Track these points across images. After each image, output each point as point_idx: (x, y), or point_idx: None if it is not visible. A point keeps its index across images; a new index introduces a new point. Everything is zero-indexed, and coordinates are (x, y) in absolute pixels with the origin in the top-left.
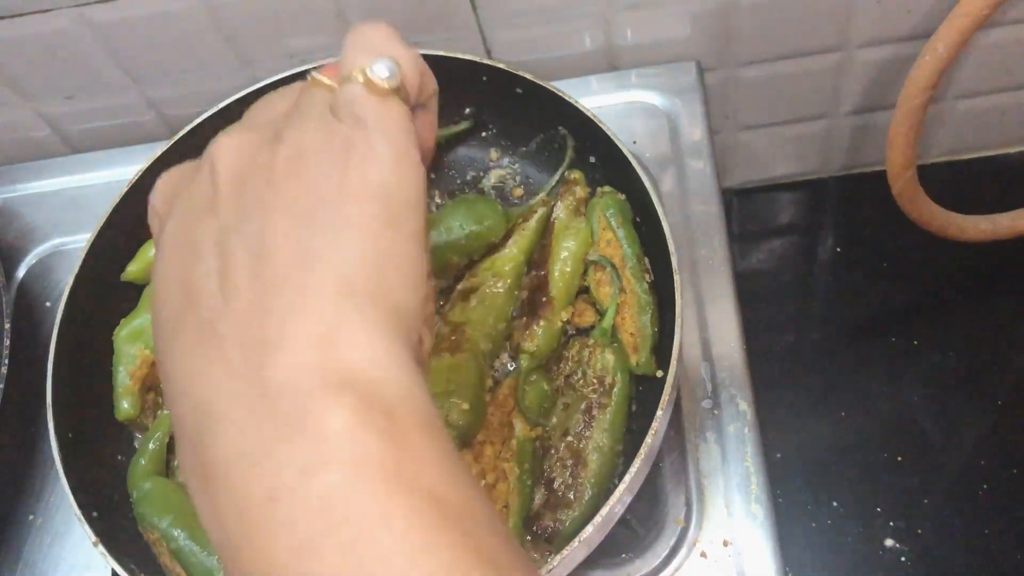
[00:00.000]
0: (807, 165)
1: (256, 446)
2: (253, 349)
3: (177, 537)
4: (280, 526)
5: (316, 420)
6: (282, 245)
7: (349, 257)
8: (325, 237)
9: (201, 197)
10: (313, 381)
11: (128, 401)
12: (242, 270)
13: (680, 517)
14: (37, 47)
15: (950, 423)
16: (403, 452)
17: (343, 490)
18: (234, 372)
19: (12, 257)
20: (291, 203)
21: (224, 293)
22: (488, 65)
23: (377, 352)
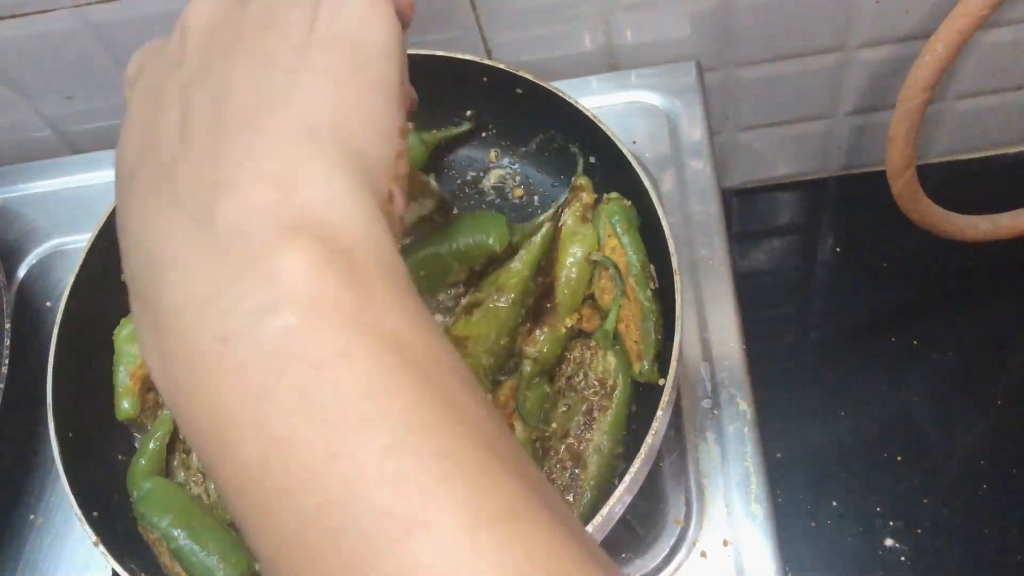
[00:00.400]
0: (807, 165)
1: (206, 289)
2: (205, 191)
3: (177, 537)
4: (230, 370)
5: (269, 261)
6: (242, 91)
7: (311, 101)
8: (286, 82)
9: (170, 55)
10: (267, 221)
11: (128, 401)
12: (201, 117)
13: (680, 517)
14: (37, 47)
15: (950, 423)
16: (362, 295)
17: (298, 332)
18: (186, 215)
19: (12, 257)
20: (255, 52)
21: (183, 140)
22: (488, 65)
23: (337, 193)
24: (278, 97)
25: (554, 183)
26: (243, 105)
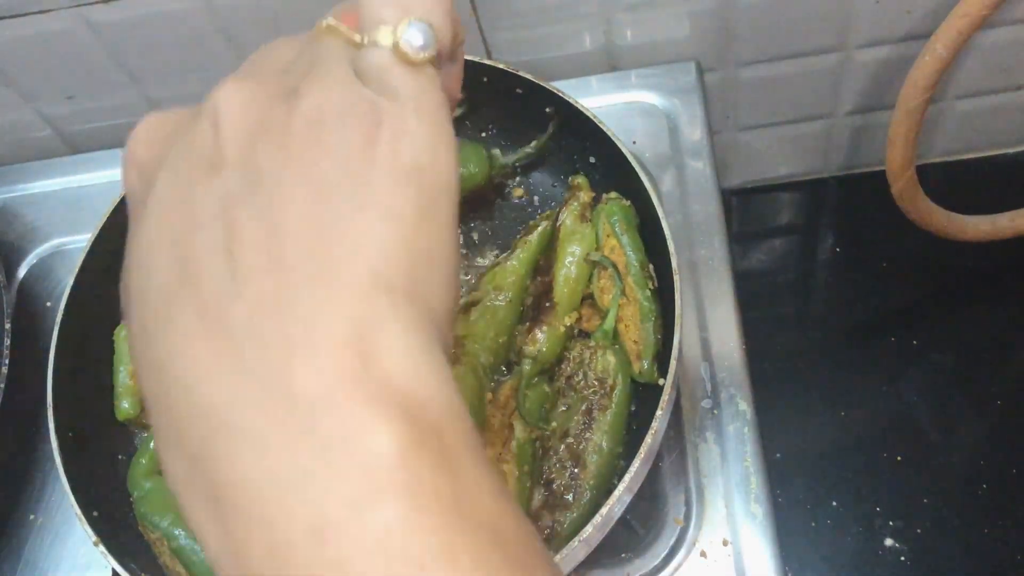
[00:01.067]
0: (807, 165)
1: (292, 471)
2: (276, 349)
3: (178, 536)
4: (329, 567)
5: (361, 442)
6: (301, 222)
7: (380, 246)
8: (352, 219)
9: (201, 152)
10: (352, 394)
11: (128, 401)
12: (255, 249)
13: (680, 517)
14: (37, 47)
15: (950, 423)
16: (457, 480)
17: (401, 525)
18: (255, 378)
19: (13, 257)
20: (310, 173)
21: (234, 275)
22: (488, 65)
23: (418, 361)
24: (342, 236)
25: (554, 183)
26: (304, 243)
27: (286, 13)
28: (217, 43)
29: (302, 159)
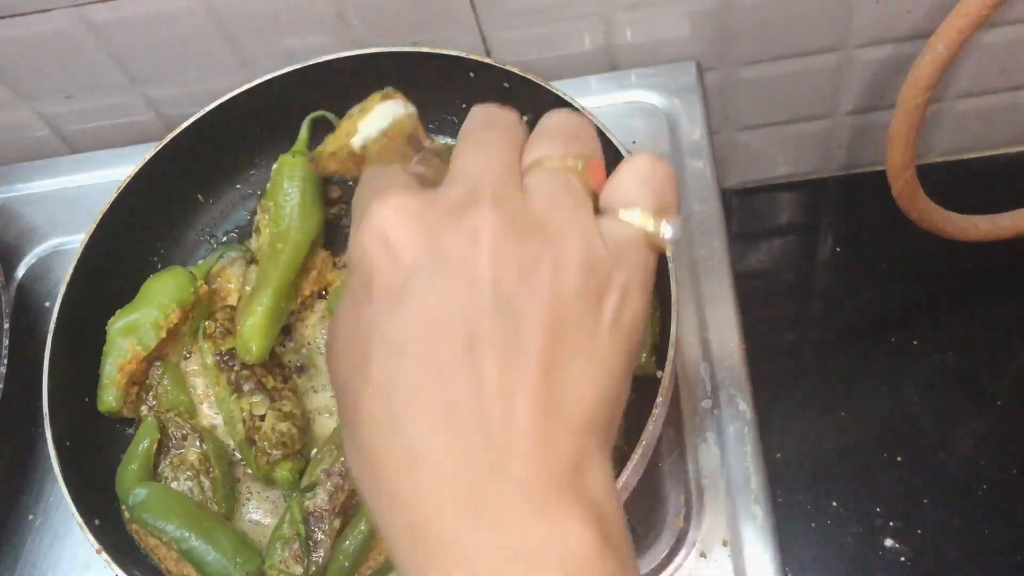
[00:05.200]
0: (807, 165)
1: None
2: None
3: (188, 538)
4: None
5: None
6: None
7: (598, 395)
8: (581, 366)
9: (461, 267)
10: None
11: (112, 394)
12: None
13: (680, 517)
14: (36, 47)
15: (950, 423)
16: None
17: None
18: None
19: (11, 257)
20: (553, 312)
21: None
22: (474, 60)
23: (608, 487)
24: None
25: None
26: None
27: (284, 12)
28: (216, 43)
29: (547, 302)
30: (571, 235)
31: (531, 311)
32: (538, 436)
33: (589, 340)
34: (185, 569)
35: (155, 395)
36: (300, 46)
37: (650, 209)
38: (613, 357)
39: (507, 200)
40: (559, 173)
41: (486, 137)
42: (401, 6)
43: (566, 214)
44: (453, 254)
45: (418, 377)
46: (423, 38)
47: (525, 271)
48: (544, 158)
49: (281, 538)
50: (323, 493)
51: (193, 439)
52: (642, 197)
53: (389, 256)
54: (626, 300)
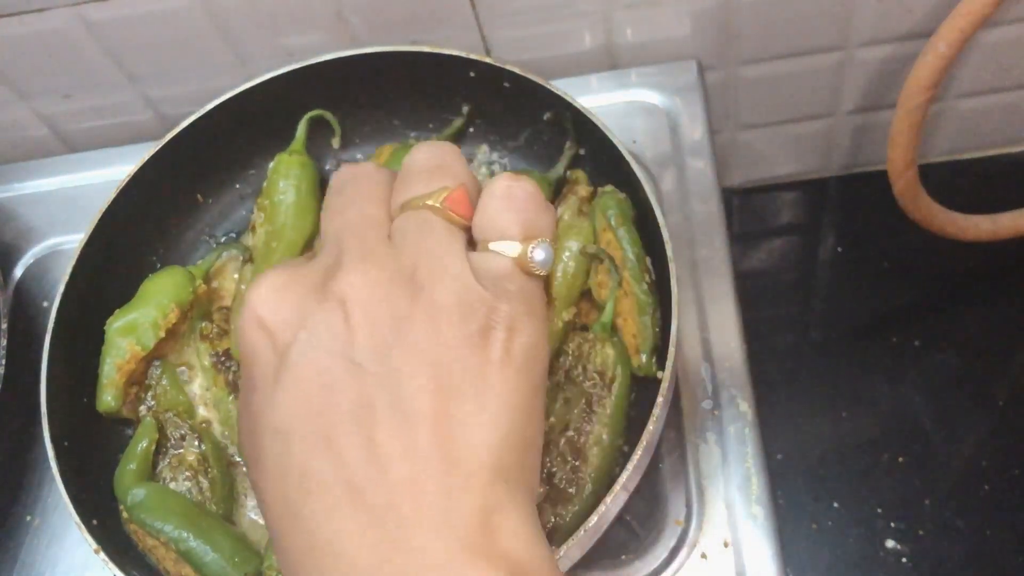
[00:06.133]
0: (808, 165)
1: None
2: (414, 526)
3: (186, 538)
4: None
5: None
6: (430, 414)
7: (499, 441)
8: (475, 414)
9: (333, 337)
10: (479, 565)
11: (111, 394)
12: (392, 437)
13: (680, 518)
14: (34, 46)
15: (951, 423)
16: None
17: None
18: (394, 545)
19: (9, 257)
20: (436, 368)
21: (376, 458)
22: (474, 59)
23: (528, 536)
24: (469, 432)
25: None
26: (434, 434)
27: (283, 11)
28: (215, 42)
29: (428, 354)
30: (440, 279)
31: (411, 367)
32: (439, 499)
33: (477, 383)
34: (183, 570)
35: (154, 395)
36: (299, 45)
37: (517, 236)
38: (510, 394)
39: (371, 256)
40: (421, 213)
41: (342, 199)
42: (401, 5)
43: (433, 258)
44: (325, 325)
45: (307, 458)
46: (423, 37)
47: (398, 325)
48: (408, 200)
49: None
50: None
51: (192, 439)
52: (506, 225)
53: (264, 338)
54: (513, 333)
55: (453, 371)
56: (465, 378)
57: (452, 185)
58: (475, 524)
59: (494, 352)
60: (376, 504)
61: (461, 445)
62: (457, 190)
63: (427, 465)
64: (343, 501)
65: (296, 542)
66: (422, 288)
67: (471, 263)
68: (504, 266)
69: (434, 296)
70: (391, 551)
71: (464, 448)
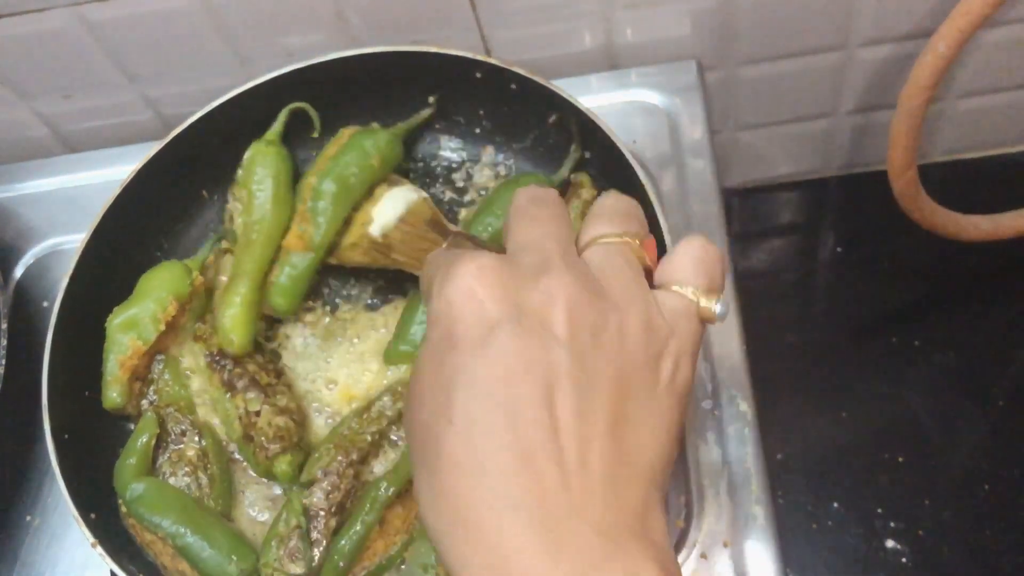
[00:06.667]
0: (808, 165)
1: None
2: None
3: (183, 534)
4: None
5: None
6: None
7: (660, 453)
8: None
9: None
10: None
11: (116, 390)
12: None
13: (680, 518)
14: (34, 46)
15: (951, 424)
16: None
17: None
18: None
19: (9, 257)
20: (619, 373)
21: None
22: (481, 61)
23: (665, 533)
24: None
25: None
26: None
27: (284, 11)
28: (215, 42)
29: (615, 361)
30: (633, 302)
31: (601, 367)
32: (610, 482)
33: (650, 399)
34: (180, 565)
35: (156, 390)
36: (299, 45)
37: (702, 287)
38: (670, 415)
39: (576, 267)
40: (617, 247)
41: (539, 213)
42: (401, 5)
43: (627, 284)
44: (533, 310)
45: (500, 420)
46: (423, 37)
47: (596, 331)
48: (602, 235)
49: (277, 536)
50: (320, 492)
51: (192, 435)
52: (695, 276)
53: (475, 307)
54: (679, 365)
55: (633, 382)
56: (641, 391)
57: (642, 233)
58: (637, 513)
59: (664, 376)
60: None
61: (632, 444)
62: (650, 239)
63: (601, 453)
64: (525, 465)
65: (477, 494)
66: (616, 306)
67: (655, 297)
68: (686, 307)
69: (627, 316)
70: (564, 515)
71: (634, 447)
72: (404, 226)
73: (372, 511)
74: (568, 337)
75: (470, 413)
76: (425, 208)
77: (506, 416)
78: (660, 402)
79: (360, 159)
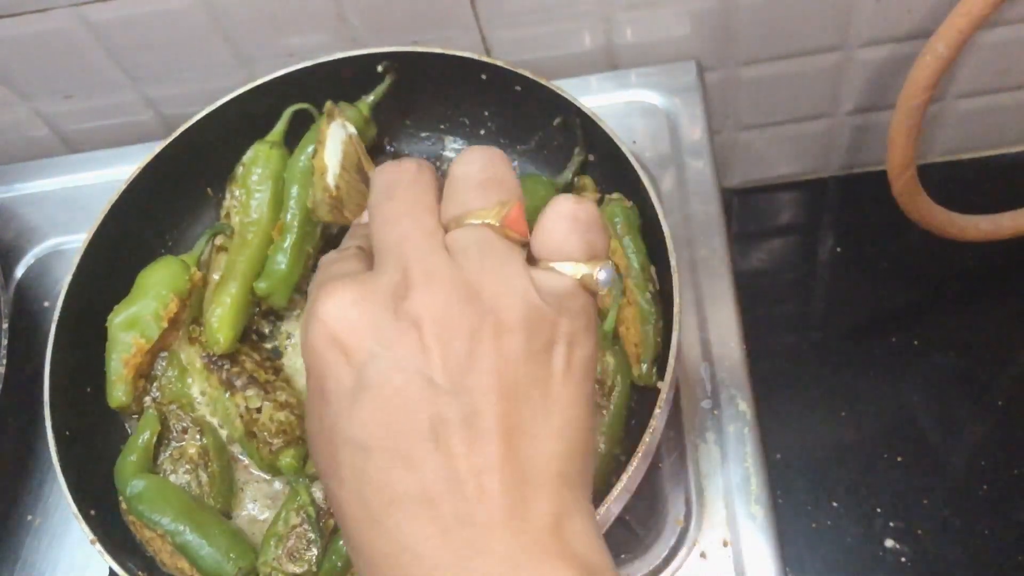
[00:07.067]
0: (807, 165)
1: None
2: (491, 530)
3: (182, 532)
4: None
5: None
6: (502, 426)
7: (565, 451)
8: (541, 424)
9: (410, 356)
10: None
11: (121, 389)
12: (467, 450)
13: (680, 518)
14: (35, 46)
15: (950, 423)
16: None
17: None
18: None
19: (10, 257)
20: (504, 380)
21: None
22: (487, 63)
23: (591, 537)
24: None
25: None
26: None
27: (284, 11)
28: (215, 42)
29: (497, 371)
30: (506, 295)
31: (483, 383)
32: (514, 505)
33: (545, 397)
34: (179, 563)
35: (159, 387)
36: (299, 45)
37: (582, 258)
38: (572, 407)
39: (437, 273)
40: (481, 230)
41: (393, 208)
42: (401, 5)
43: (497, 274)
44: (399, 344)
45: (387, 471)
46: (423, 37)
47: (471, 344)
48: (463, 214)
49: (275, 535)
50: (318, 492)
51: (193, 432)
52: (572, 247)
53: (339, 355)
54: (573, 348)
55: (521, 386)
56: (532, 393)
57: (508, 200)
58: (548, 528)
59: (557, 366)
60: (454, 513)
61: (531, 456)
62: (515, 209)
63: (501, 476)
64: (423, 510)
65: (378, 547)
66: (489, 307)
67: (533, 280)
68: (568, 285)
69: (501, 315)
70: (471, 554)
71: (534, 459)
72: (344, 174)
73: None
74: (442, 363)
75: (356, 471)
76: (352, 149)
77: (395, 467)
78: (557, 397)
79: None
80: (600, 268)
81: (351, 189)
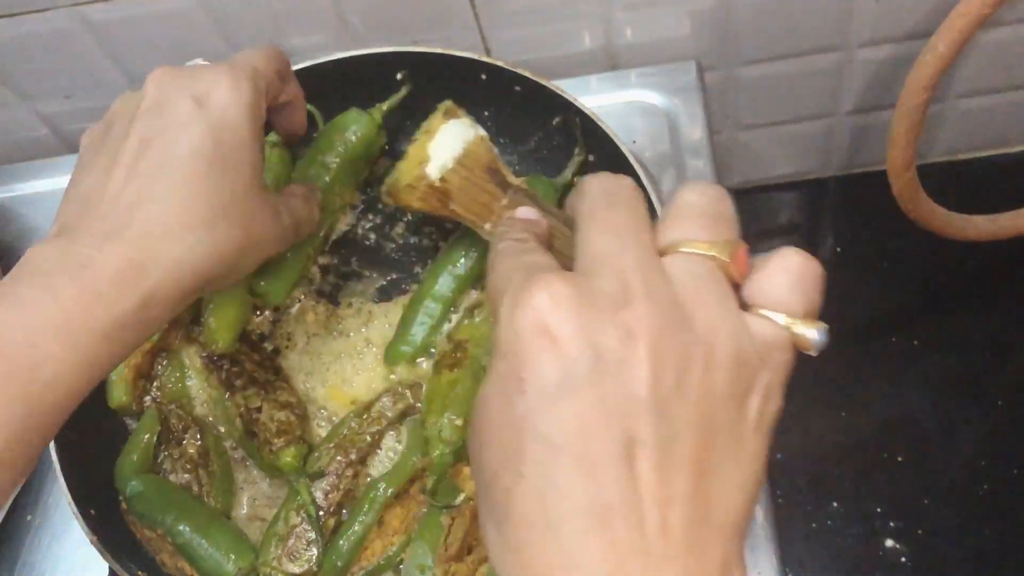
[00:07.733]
0: (807, 165)
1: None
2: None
3: (183, 532)
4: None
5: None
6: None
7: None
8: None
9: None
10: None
11: (123, 389)
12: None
13: None
14: (35, 46)
15: (950, 423)
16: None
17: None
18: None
19: (10, 258)
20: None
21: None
22: (487, 63)
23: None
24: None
25: None
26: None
27: (284, 12)
28: (215, 42)
29: (700, 404)
30: (721, 331)
31: (686, 413)
32: (692, 545)
33: (737, 443)
34: (180, 562)
35: (159, 386)
36: (300, 45)
37: (799, 313)
38: (756, 460)
39: (657, 292)
40: (703, 262)
41: (614, 218)
42: (401, 5)
43: (714, 308)
44: (611, 351)
45: (574, 477)
46: (423, 37)
47: (680, 371)
48: (685, 242)
49: (275, 535)
50: (319, 492)
51: (194, 432)
52: (792, 300)
53: (548, 347)
54: (767, 401)
55: (718, 425)
56: (727, 436)
57: (736, 241)
58: (717, 572)
59: (751, 415)
60: (630, 540)
61: (717, 500)
62: (743, 250)
63: (684, 512)
64: (602, 529)
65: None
66: (702, 335)
67: (745, 323)
68: (780, 336)
69: (713, 350)
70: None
71: (719, 503)
72: (462, 170)
73: (370, 512)
74: (650, 382)
75: (542, 468)
76: (482, 150)
77: (582, 475)
78: (747, 447)
79: (335, 142)
80: (818, 329)
81: (469, 186)
